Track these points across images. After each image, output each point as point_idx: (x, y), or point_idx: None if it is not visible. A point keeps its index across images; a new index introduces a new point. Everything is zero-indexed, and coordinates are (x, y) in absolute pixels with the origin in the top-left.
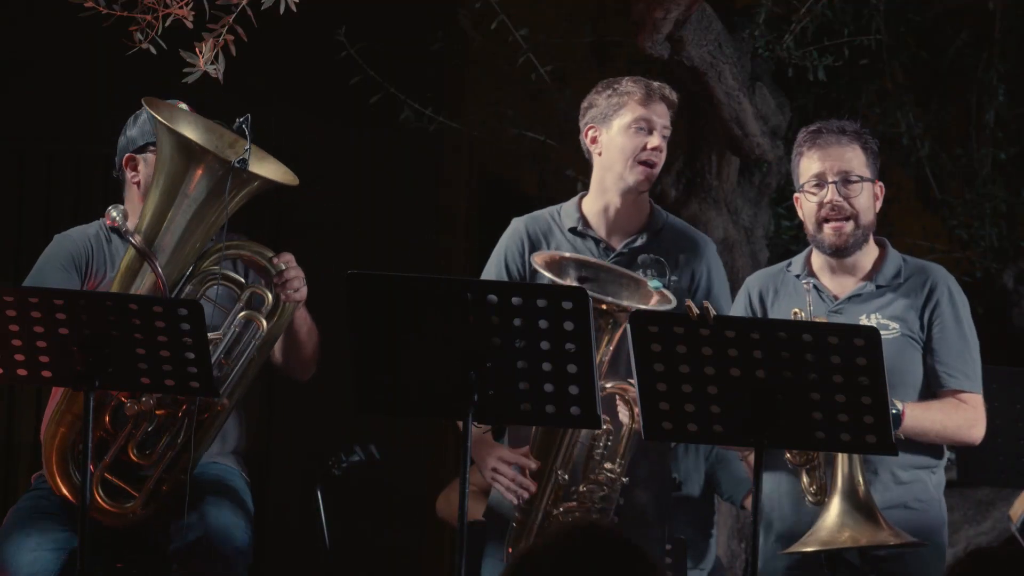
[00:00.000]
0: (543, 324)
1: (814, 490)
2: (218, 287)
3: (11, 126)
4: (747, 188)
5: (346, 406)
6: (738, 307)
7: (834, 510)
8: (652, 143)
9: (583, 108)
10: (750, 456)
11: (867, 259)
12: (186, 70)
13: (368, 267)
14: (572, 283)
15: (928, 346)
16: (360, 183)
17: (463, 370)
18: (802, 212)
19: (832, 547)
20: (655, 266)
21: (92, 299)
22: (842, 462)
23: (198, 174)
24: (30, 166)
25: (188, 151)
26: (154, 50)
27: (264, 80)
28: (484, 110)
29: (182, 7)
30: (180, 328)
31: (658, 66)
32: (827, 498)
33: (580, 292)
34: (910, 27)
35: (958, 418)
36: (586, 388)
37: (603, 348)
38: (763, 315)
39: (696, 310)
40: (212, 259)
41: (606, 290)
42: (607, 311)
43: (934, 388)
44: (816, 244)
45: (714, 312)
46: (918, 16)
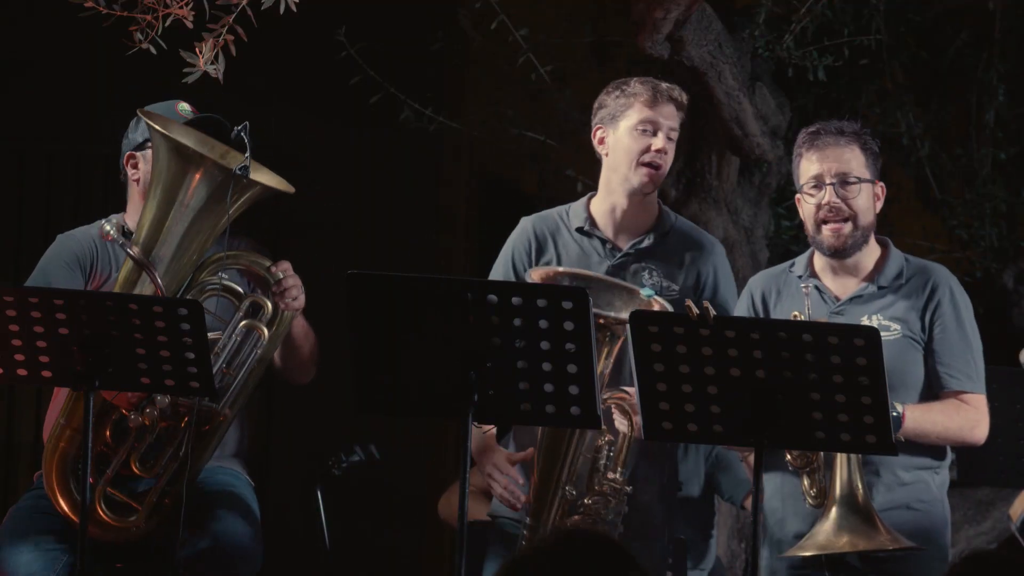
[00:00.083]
0: (543, 324)
1: (814, 493)
2: (217, 298)
3: (11, 126)
4: (747, 188)
5: (346, 406)
6: (741, 308)
7: (832, 514)
8: (656, 145)
9: (594, 108)
10: (750, 457)
11: (869, 260)
12: (186, 70)
13: (368, 267)
14: None
15: (929, 347)
16: (360, 183)
17: (463, 370)
18: (803, 213)
19: (830, 551)
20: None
21: (92, 299)
22: (841, 466)
23: (195, 182)
24: (30, 166)
25: (185, 159)
26: (154, 50)
27: (264, 80)
28: (484, 110)
29: (182, 7)
30: (180, 328)
31: (658, 66)
32: (826, 502)
33: (580, 292)
34: (910, 27)
35: (959, 419)
36: (586, 388)
37: (602, 361)
38: (765, 316)
39: (696, 310)
40: (209, 269)
41: (599, 300)
42: (604, 324)
43: (936, 389)
44: (816, 245)
45: (714, 312)
46: (918, 16)
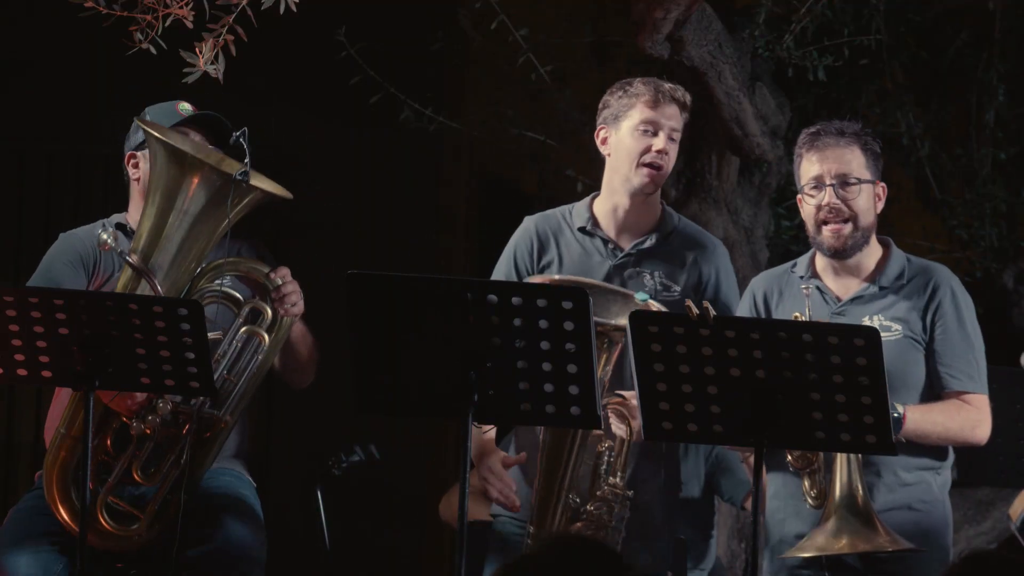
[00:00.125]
0: (543, 324)
1: (814, 494)
2: (217, 304)
3: (11, 126)
4: (747, 188)
5: (346, 406)
6: (743, 308)
7: (832, 516)
8: (657, 145)
9: (599, 108)
10: (751, 457)
11: (870, 260)
12: (186, 70)
13: (368, 267)
14: None
15: (931, 347)
16: (360, 183)
17: (463, 370)
18: (804, 214)
19: (829, 552)
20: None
21: (92, 299)
22: (841, 467)
23: (193, 188)
24: (30, 166)
25: (182, 164)
26: (154, 50)
27: (264, 80)
28: (484, 110)
29: (182, 7)
30: (180, 328)
31: (658, 66)
32: (826, 503)
33: (580, 292)
34: (910, 27)
35: (961, 419)
36: (586, 388)
37: (601, 368)
38: (767, 316)
39: (696, 310)
40: (209, 276)
41: (596, 307)
42: (602, 332)
43: (938, 390)
44: (816, 246)
45: (714, 312)
46: (918, 16)
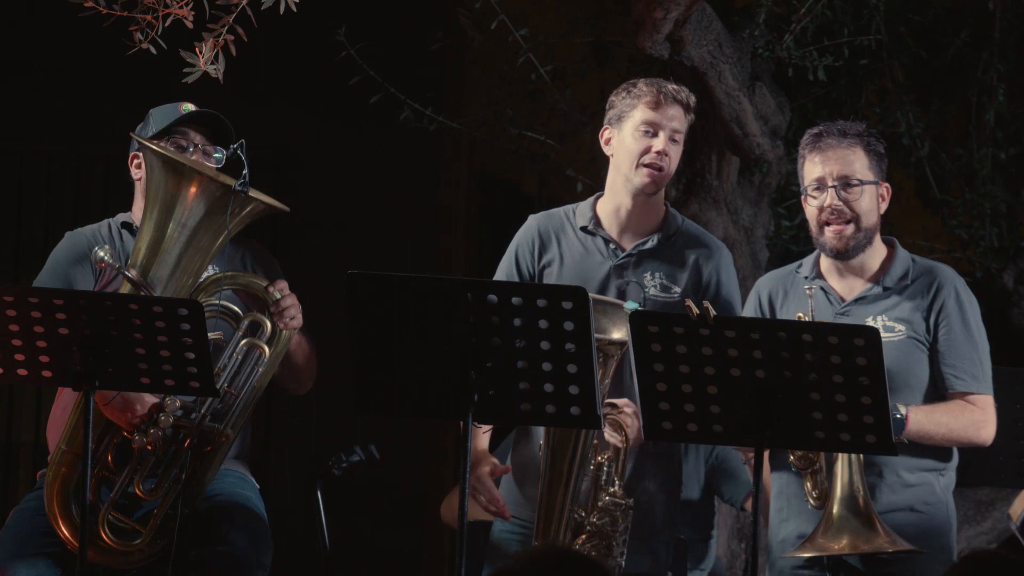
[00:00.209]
0: (543, 324)
1: (816, 494)
2: (216, 319)
3: (11, 126)
4: (747, 188)
5: (346, 406)
6: (748, 308)
7: (833, 516)
8: (657, 146)
9: (606, 108)
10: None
11: (874, 260)
12: (186, 70)
13: (368, 267)
14: None
15: (935, 348)
16: (360, 183)
17: (463, 370)
18: (807, 215)
19: (829, 553)
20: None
21: (92, 299)
22: (842, 468)
23: (191, 199)
24: (30, 166)
25: (178, 174)
26: (154, 50)
27: (264, 80)
28: (484, 110)
29: (182, 7)
30: (180, 328)
31: (658, 66)
32: (827, 503)
33: (580, 292)
34: (910, 27)
35: (964, 420)
36: (586, 388)
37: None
38: (772, 316)
39: (696, 310)
40: (207, 290)
41: None
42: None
43: (942, 391)
44: (819, 247)
45: (714, 312)
46: (918, 16)
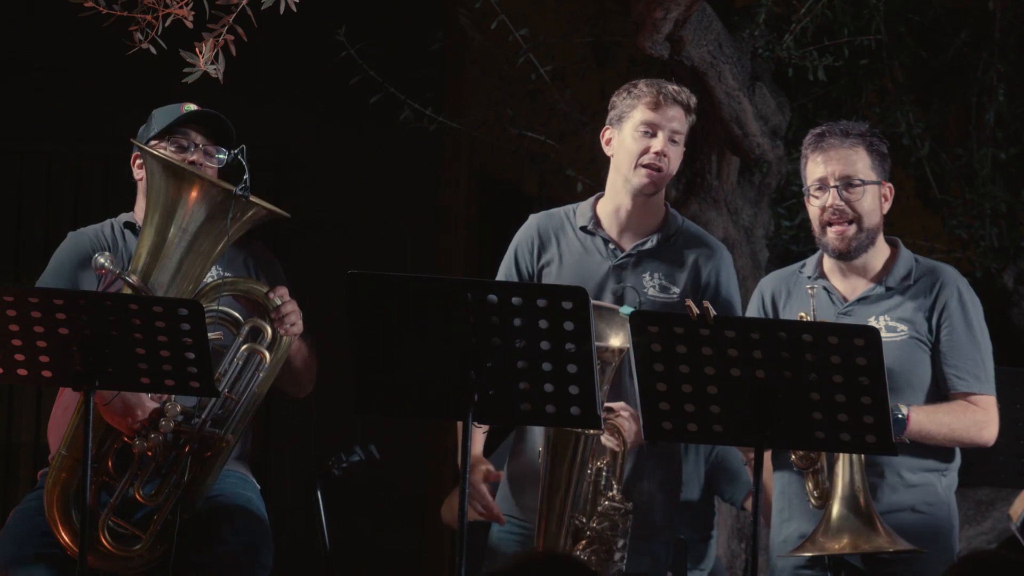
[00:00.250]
0: (543, 324)
1: (817, 494)
2: (216, 324)
3: (11, 126)
4: (747, 188)
5: (346, 406)
6: (751, 308)
7: (833, 515)
8: (655, 147)
9: (608, 109)
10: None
11: (877, 260)
12: (186, 70)
13: (368, 267)
14: None
15: (937, 348)
16: (360, 183)
17: (463, 370)
18: (810, 215)
19: (829, 552)
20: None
21: (92, 299)
22: (843, 467)
23: (192, 203)
24: (30, 166)
25: (179, 178)
26: (154, 50)
27: (264, 80)
28: (484, 110)
29: (182, 7)
30: (180, 328)
31: (658, 66)
32: (827, 502)
33: (580, 292)
34: (910, 27)
35: (966, 420)
36: (586, 388)
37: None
38: (775, 316)
39: (696, 310)
40: (207, 296)
41: None
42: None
43: (944, 391)
44: (822, 247)
45: (714, 312)
46: (918, 16)
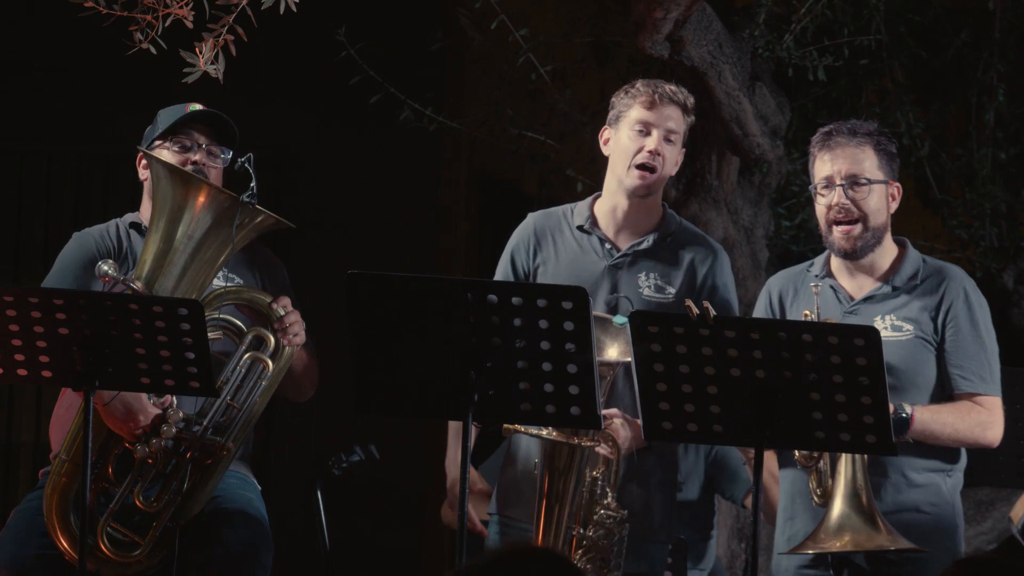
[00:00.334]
0: (543, 324)
1: (820, 492)
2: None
3: (11, 126)
4: (747, 188)
5: (346, 406)
6: (759, 308)
7: (835, 513)
8: (649, 146)
9: (608, 109)
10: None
11: (884, 260)
12: (186, 70)
13: (368, 267)
14: None
15: (942, 348)
16: (360, 183)
17: (463, 370)
18: (817, 214)
19: (831, 550)
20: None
21: (92, 299)
22: (845, 465)
23: (198, 209)
24: (30, 166)
25: (186, 184)
26: (154, 50)
27: (264, 80)
28: (484, 110)
29: (182, 7)
30: (180, 328)
31: (658, 66)
32: (829, 501)
33: (580, 292)
34: (910, 27)
35: (971, 420)
36: (586, 388)
37: None
38: (782, 316)
39: (696, 310)
40: (211, 305)
41: None
42: None
43: (949, 391)
44: (828, 246)
45: (714, 312)
46: (918, 16)
